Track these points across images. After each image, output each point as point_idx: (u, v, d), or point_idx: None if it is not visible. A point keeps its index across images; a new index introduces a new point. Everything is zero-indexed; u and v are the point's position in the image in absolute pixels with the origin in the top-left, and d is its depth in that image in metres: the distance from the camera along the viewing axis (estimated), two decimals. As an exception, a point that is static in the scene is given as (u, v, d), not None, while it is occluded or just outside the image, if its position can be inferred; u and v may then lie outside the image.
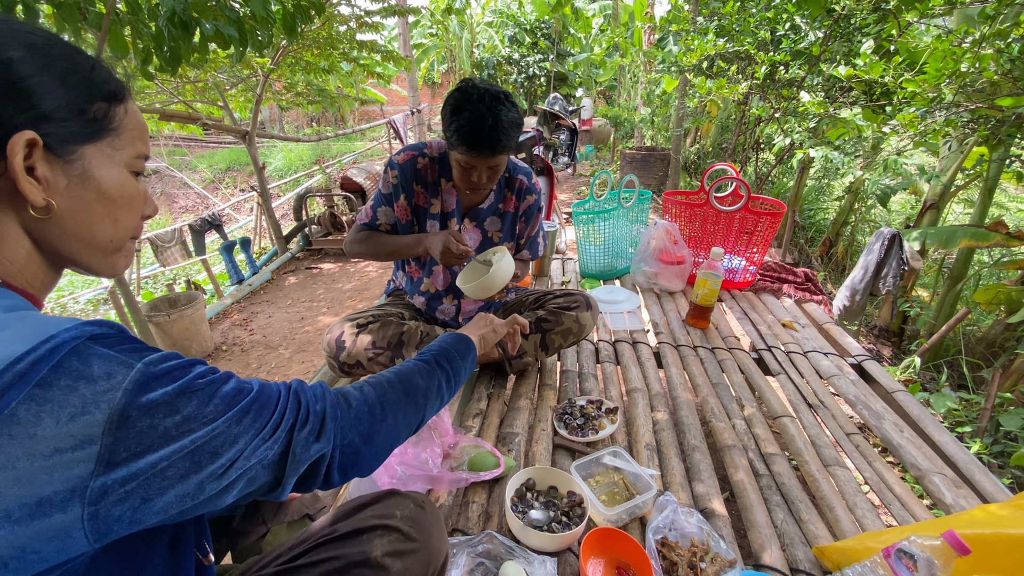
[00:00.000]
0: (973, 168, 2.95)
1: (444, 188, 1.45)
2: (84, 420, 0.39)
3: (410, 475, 1.02)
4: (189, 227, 5.02)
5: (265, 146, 11.43)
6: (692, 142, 6.95)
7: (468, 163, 1.24)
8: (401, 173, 1.41)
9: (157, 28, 2.04)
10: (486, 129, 1.16)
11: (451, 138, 1.21)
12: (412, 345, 1.42)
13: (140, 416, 0.41)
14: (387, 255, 1.45)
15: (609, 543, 0.95)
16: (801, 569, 0.94)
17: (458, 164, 1.28)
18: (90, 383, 0.40)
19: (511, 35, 12.90)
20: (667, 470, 1.18)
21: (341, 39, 4.28)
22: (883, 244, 2.62)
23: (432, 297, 1.60)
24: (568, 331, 1.48)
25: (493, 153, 1.20)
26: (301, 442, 0.54)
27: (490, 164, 1.24)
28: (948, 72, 1.97)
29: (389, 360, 1.41)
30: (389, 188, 1.44)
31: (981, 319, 3.34)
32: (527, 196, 1.52)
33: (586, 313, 1.50)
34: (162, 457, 0.42)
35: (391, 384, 0.70)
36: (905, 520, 1.06)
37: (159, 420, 0.42)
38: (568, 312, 1.48)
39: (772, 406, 1.44)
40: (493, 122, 1.16)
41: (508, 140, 1.21)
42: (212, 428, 0.46)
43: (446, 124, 1.23)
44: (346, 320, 1.45)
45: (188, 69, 4.04)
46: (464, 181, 1.30)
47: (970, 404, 2.39)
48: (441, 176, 1.44)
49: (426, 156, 1.42)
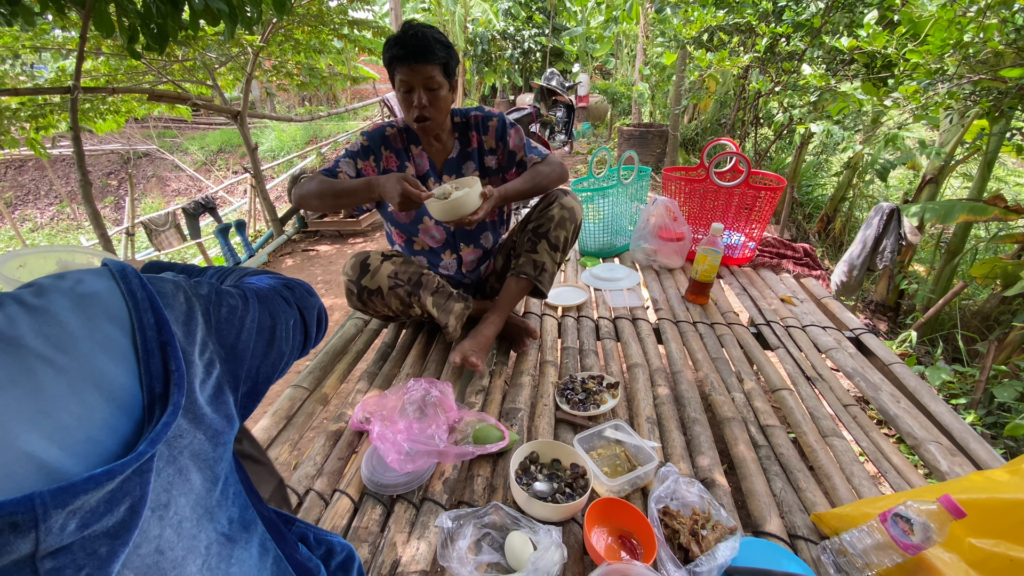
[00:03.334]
0: (973, 142, 2.93)
1: (415, 153, 1.49)
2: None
3: (417, 450, 1.04)
4: (183, 210, 4.97)
5: (257, 127, 11.25)
6: (690, 118, 6.87)
7: (404, 82, 1.29)
8: (370, 138, 1.46)
9: (144, 4, 1.99)
10: (409, 36, 1.24)
11: (387, 62, 1.29)
12: (429, 289, 1.46)
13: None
14: (334, 197, 1.37)
15: (612, 513, 0.97)
16: (800, 535, 0.96)
17: (400, 95, 1.33)
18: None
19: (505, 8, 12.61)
20: (668, 442, 1.20)
21: (332, 15, 4.18)
22: (882, 219, 2.62)
23: (430, 253, 1.62)
24: (563, 220, 1.48)
25: (421, 59, 1.25)
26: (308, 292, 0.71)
27: (424, 76, 1.27)
28: (951, 42, 1.95)
29: (407, 295, 1.44)
30: (357, 148, 1.47)
31: (976, 293, 3.37)
32: (487, 123, 1.51)
33: (566, 198, 1.51)
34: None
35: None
36: (902, 488, 1.09)
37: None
38: (551, 207, 1.49)
39: (771, 379, 1.46)
40: (417, 31, 1.25)
41: (434, 47, 1.26)
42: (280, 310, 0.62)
43: (383, 59, 1.31)
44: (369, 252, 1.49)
45: (176, 48, 3.95)
46: (408, 112, 1.34)
47: (964, 377, 2.42)
48: (410, 143, 1.49)
49: (394, 127, 1.48)
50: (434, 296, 1.47)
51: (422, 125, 1.36)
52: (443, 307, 1.49)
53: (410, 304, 1.47)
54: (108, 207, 10.55)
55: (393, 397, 1.22)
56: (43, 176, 10.82)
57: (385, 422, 1.12)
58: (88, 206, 2.80)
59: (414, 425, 1.10)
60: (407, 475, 1.05)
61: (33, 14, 2.05)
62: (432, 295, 1.47)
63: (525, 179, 1.47)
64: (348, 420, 1.26)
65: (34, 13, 2.06)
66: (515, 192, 1.44)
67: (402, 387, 1.23)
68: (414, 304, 1.46)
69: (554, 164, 1.53)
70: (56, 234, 9.92)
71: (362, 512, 1.00)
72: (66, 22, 3.15)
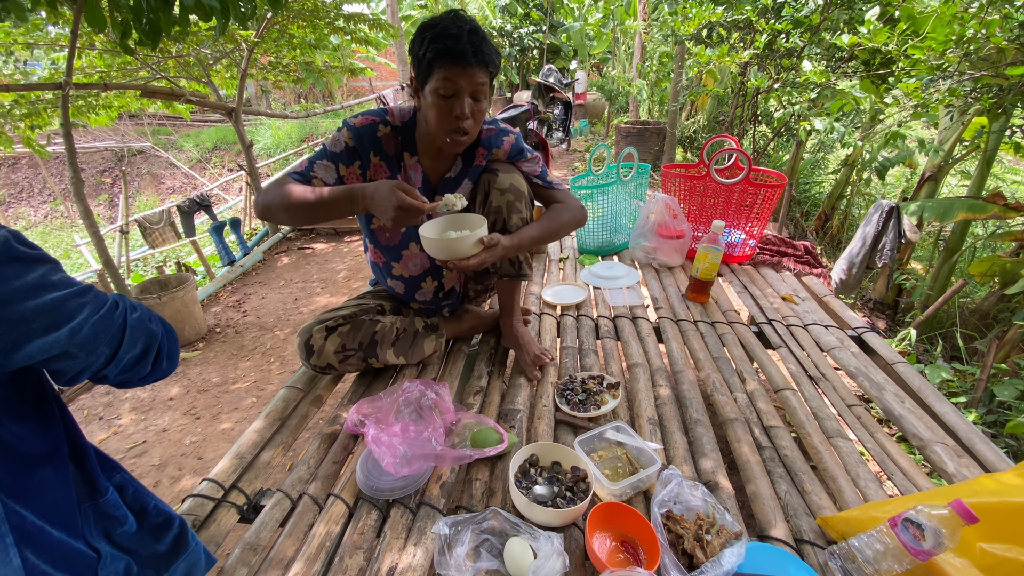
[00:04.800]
0: (972, 140, 2.92)
1: (408, 163, 1.27)
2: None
3: (413, 454, 1.01)
4: (177, 208, 4.91)
5: (252, 124, 11.18)
6: (688, 115, 6.85)
7: (450, 84, 1.05)
8: (357, 137, 1.21)
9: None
10: (465, 32, 1.03)
11: (425, 55, 1.05)
12: (387, 344, 1.36)
13: (9, 262, 0.53)
14: (307, 210, 1.10)
15: (614, 517, 0.95)
16: (806, 539, 0.94)
17: (436, 98, 1.08)
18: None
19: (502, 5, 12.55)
20: (670, 444, 1.18)
21: (327, 10, 4.13)
22: (881, 216, 2.60)
23: (408, 281, 1.45)
24: (509, 203, 1.26)
25: (477, 61, 1.04)
26: (136, 319, 0.67)
27: (475, 83, 1.07)
28: (953, 38, 1.93)
29: (361, 360, 1.35)
30: (340, 147, 1.21)
31: (975, 291, 3.36)
32: (501, 139, 1.29)
33: (507, 172, 1.28)
34: (28, 308, 0.54)
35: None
36: (908, 490, 1.07)
37: (23, 271, 0.55)
38: (488, 197, 1.28)
39: (773, 379, 1.44)
40: (475, 26, 1.05)
41: (490, 50, 1.07)
42: (64, 294, 0.58)
43: (418, 45, 1.06)
44: (317, 321, 1.35)
45: (170, 43, 3.90)
46: (444, 122, 1.10)
47: (964, 375, 2.41)
48: (404, 149, 1.26)
49: (388, 124, 1.23)
50: (395, 347, 1.38)
51: (455, 139, 1.14)
52: (410, 352, 1.40)
53: (370, 364, 1.38)
54: (102, 205, 10.47)
55: (388, 399, 1.19)
56: (37, 174, 10.72)
57: (380, 425, 1.09)
58: (80, 204, 2.76)
59: (410, 428, 1.08)
60: (403, 479, 1.02)
61: (25, 9, 2.01)
62: (392, 347, 1.37)
63: (543, 224, 1.29)
64: (343, 423, 1.24)
65: (26, 8, 2.02)
66: (529, 241, 1.25)
67: (398, 389, 1.20)
68: (374, 364, 1.38)
69: (574, 205, 1.36)
70: (50, 232, 9.83)
71: (357, 517, 0.98)
72: (58, 17, 3.10)
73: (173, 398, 2.65)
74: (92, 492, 0.69)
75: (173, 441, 2.32)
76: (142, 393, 2.72)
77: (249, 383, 2.73)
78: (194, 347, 3.17)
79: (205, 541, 0.94)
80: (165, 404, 2.61)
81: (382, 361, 1.38)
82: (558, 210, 1.34)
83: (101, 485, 0.70)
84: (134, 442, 2.33)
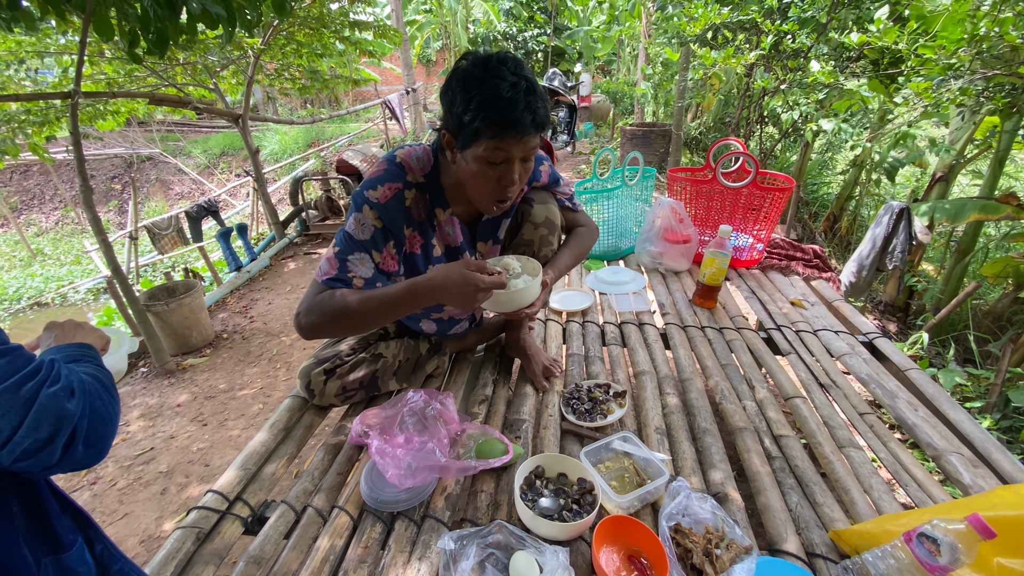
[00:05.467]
0: (984, 139, 2.88)
1: (443, 220, 1.15)
2: None
3: (417, 465, 1.00)
4: (185, 214, 4.96)
5: (259, 130, 11.26)
6: (693, 117, 6.82)
7: (499, 155, 0.93)
8: (386, 214, 1.05)
9: (142, 9, 1.96)
10: (520, 95, 0.88)
11: (472, 122, 0.90)
12: (388, 375, 1.34)
13: None
14: (368, 322, 1.01)
15: (621, 531, 0.93)
16: (818, 553, 0.92)
17: (482, 165, 0.95)
18: None
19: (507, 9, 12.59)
20: (678, 454, 1.16)
21: (333, 17, 4.16)
22: (891, 217, 2.57)
23: (445, 323, 1.40)
24: (543, 238, 1.22)
25: (533, 128, 0.92)
26: (50, 396, 0.55)
27: (527, 149, 0.95)
28: (965, 37, 1.90)
29: (364, 396, 1.34)
30: (368, 233, 1.04)
31: (988, 292, 3.31)
32: (539, 170, 1.23)
33: (543, 203, 1.21)
34: None
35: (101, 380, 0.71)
36: (922, 501, 1.04)
37: None
38: (528, 221, 1.21)
39: (783, 387, 1.42)
40: (527, 86, 0.89)
41: (546, 108, 0.93)
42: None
43: (460, 105, 0.91)
44: (316, 361, 1.31)
45: (177, 51, 3.93)
46: (490, 191, 0.99)
47: (978, 379, 2.37)
48: (435, 207, 1.13)
49: (412, 186, 1.08)
50: (396, 377, 1.35)
51: (501, 207, 1.04)
52: (412, 378, 1.38)
53: (375, 396, 1.36)
54: (112, 211, 10.59)
55: (392, 410, 1.18)
56: (48, 181, 10.86)
57: (384, 436, 1.08)
58: (89, 212, 2.78)
59: (414, 438, 1.07)
60: (407, 491, 1.01)
61: (34, 18, 2.03)
62: (394, 377, 1.35)
63: (573, 252, 1.26)
64: (348, 433, 1.23)
65: (35, 18, 2.04)
66: (565, 269, 1.23)
67: (402, 399, 1.19)
68: (378, 395, 1.36)
69: (593, 227, 1.33)
70: (61, 238, 9.96)
71: (361, 530, 0.97)
72: (67, 26, 3.14)
73: (181, 405, 2.67)
74: (55, 546, 0.66)
75: (180, 448, 2.33)
76: (150, 399, 2.73)
77: (256, 389, 2.74)
78: (201, 353, 3.18)
79: (210, 554, 0.93)
80: (173, 411, 2.62)
81: (384, 391, 1.37)
82: (582, 235, 1.31)
83: (66, 539, 0.68)
84: (142, 449, 2.34)
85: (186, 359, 3.11)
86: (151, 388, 2.85)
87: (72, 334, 0.80)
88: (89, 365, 0.71)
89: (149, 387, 2.86)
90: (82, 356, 0.73)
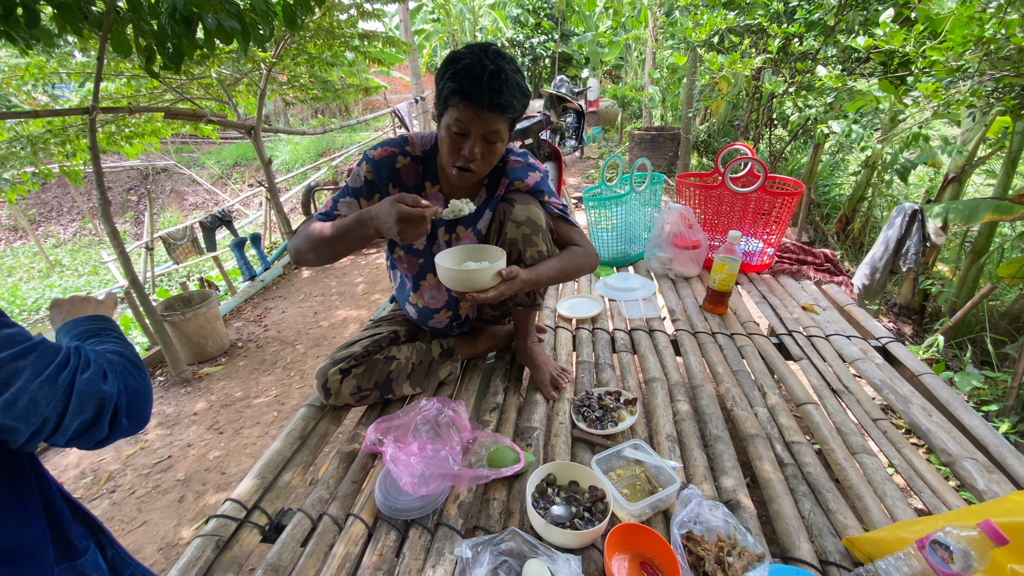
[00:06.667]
0: (997, 139, 2.85)
1: (430, 193, 1.26)
2: None
3: (431, 473, 1.02)
4: (200, 224, 5.05)
5: (271, 140, 11.43)
6: (702, 120, 6.80)
7: (461, 125, 1.04)
8: (376, 170, 1.20)
9: (159, 25, 2.02)
10: (486, 75, 0.99)
11: (444, 89, 1.03)
12: (402, 379, 1.38)
13: None
14: (328, 246, 1.12)
15: (633, 539, 0.94)
16: (831, 561, 0.92)
17: (448, 133, 1.06)
18: None
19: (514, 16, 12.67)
20: (689, 462, 1.17)
21: (343, 29, 4.22)
22: (904, 219, 2.55)
23: (423, 310, 1.44)
24: (525, 236, 1.22)
25: (492, 107, 1.01)
26: (86, 381, 0.60)
27: (487, 128, 1.04)
28: (972, 39, 1.89)
29: (380, 396, 1.38)
30: (360, 182, 1.21)
31: (1004, 293, 3.26)
32: (527, 174, 1.27)
33: (524, 204, 1.23)
34: None
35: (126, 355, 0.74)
36: (937, 508, 1.04)
37: None
38: (504, 227, 1.23)
39: (795, 393, 1.42)
40: (495, 69, 1.00)
41: (510, 96, 1.02)
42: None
43: (440, 77, 1.05)
44: (332, 361, 1.35)
45: (192, 66, 4.02)
46: (452, 154, 1.08)
47: (995, 382, 2.34)
48: (425, 179, 1.25)
49: (408, 155, 1.22)
50: (411, 380, 1.39)
51: (461, 175, 1.12)
52: (426, 382, 1.42)
53: (389, 399, 1.41)
54: (128, 222, 10.78)
55: (406, 418, 1.20)
56: (66, 193, 11.10)
57: (398, 443, 1.10)
58: (107, 224, 2.85)
59: (427, 446, 1.09)
60: (421, 499, 1.03)
61: (53, 36, 2.09)
62: (408, 380, 1.39)
63: (563, 262, 1.27)
64: (362, 441, 1.25)
65: (53, 35, 2.10)
66: (546, 279, 1.23)
67: (415, 407, 1.21)
68: (392, 398, 1.40)
69: (591, 251, 1.33)
70: (78, 249, 10.15)
71: (376, 538, 0.98)
72: (85, 44, 3.22)
73: (197, 413, 2.71)
74: (70, 553, 0.68)
75: (198, 456, 2.37)
76: (167, 408, 2.78)
77: (271, 397, 2.78)
78: (217, 362, 3.23)
79: (228, 562, 0.96)
80: (190, 419, 2.66)
81: (399, 395, 1.40)
82: (576, 253, 1.30)
83: (79, 545, 0.70)
84: (160, 457, 2.39)
85: (202, 368, 3.17)
86: (168, 397, 2.90)
87: (82, 308, 0.81)
88: (111, 342, 0.74)
89: (166, 396, 2.92)
90: (101, 330, 0.76)
